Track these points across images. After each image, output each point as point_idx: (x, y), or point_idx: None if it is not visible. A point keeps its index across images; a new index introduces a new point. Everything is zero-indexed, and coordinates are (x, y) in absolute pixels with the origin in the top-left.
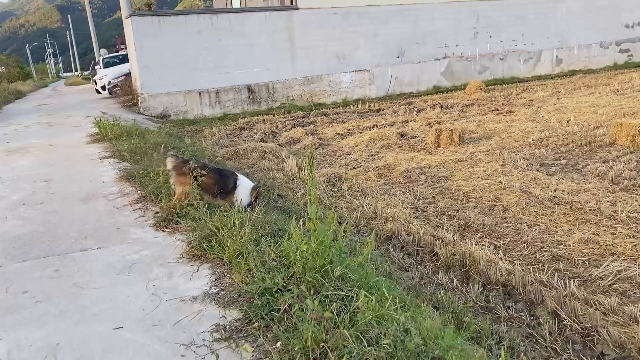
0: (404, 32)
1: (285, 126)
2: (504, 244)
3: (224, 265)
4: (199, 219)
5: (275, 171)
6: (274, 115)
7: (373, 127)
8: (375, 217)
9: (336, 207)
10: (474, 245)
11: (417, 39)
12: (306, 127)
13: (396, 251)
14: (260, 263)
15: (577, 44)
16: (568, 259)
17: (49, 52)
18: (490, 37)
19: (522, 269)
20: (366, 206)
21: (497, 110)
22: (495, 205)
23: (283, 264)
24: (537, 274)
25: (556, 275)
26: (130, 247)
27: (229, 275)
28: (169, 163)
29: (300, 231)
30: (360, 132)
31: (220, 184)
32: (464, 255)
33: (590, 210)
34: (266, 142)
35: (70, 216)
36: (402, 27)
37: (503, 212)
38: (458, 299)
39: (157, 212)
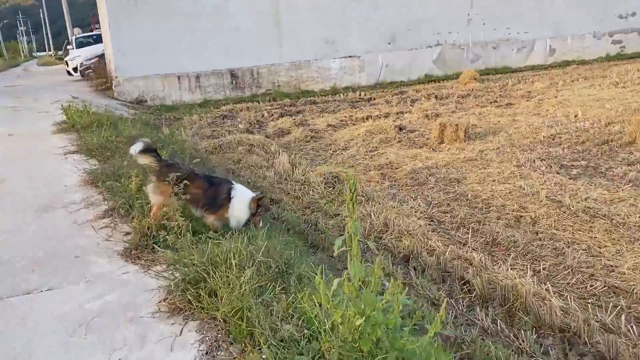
0: (396, 17)
1: (272, 115)
2: (544, 269)
3: (217, 326)
4: (181, 249)
5: (265, 169)
6: (258, 103)
7: (367, 119)
8: (387, 230)
9: (339, 215)
10: (509, 270)
11: (409, 25)
12: (295, 117)
13: (418, 277)
14: (269, 330)
15: (570, 34)
16: (627, 292)
17: (21, 30)
18: (483, 24)
19: (578, 307)
20: (374, 215)
21: (496, 102)
22: (521, 216)
23: (303, 335)
24: (596, 313)
25: (623, 317)
26: (92, 288)
27: (225, 346)
28: (149, 162)
29: (325, 285)
30: (354, 124)
31: (209, 194)
32: (505, 288)
33: (635, 225)
34: (252, 132)
35: (20, 235)
36: (394, 12)
37: (532, 225)
38: (510, 350)
39: (128, 233)
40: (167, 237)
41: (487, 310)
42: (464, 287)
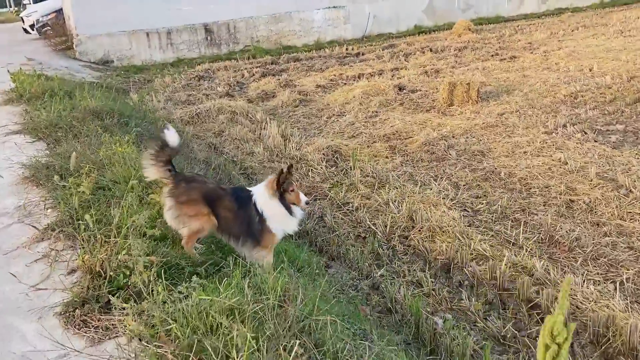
0: None
1: (253, 75)
2: (627, 280)
3: None
4: (151, 305)
5: (253, 142)
6: (237, 61)
7: (359, 77)
8: (414, 226)
9: (348, 205)
10: (585, 283)
11: None
12: (278, 76)
13: (471, 299)
14: None
15: None
16: None
17: None
18: None
19: None
20: (393, 203)
21: (498, 55)
22: (572, 201)
23: None
24: None
25: None
26: None
27: None
28: (160, 177)
29: None
30: (346, 83)
31: (242, 218)
32: (599, 321)
33: None
34: (232, 96)
35: None
36: None
37: (589, 213)
38: None
39: (73, 271)
40: (127, 281)
41: (574, 348)
42: (532, 311)
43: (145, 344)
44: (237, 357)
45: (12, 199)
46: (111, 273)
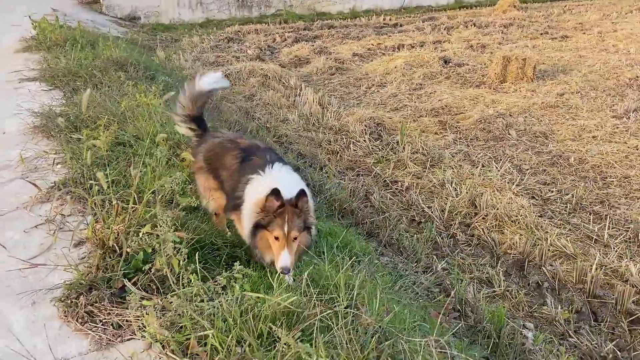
0: None
1: (285, 40)
2: None
3: None
4: (182, 299)
5: (287, 109)
6: (268, 25)
7: (399, 48)
8: (477, 213)
9: (396, 184)
10: None
11: None
12: (312, 43)
13: (557, 305)
14: None
15: None
16: None
17: None
18: None
19: None
20: (450, 185)
21: (547, 34)
22: None
23: None
24: None
25: None
26: None
27: None
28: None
29: None
30: (384, 54)
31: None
32: None
33: None
34: (263, 60)
35: None
36: None
37: None
38: None
39: (81, 243)
40: (149, 262)
41: None
42: (635, 327)
43: (170, 354)
44: None
45: (17, 151)
46: (128, 250)
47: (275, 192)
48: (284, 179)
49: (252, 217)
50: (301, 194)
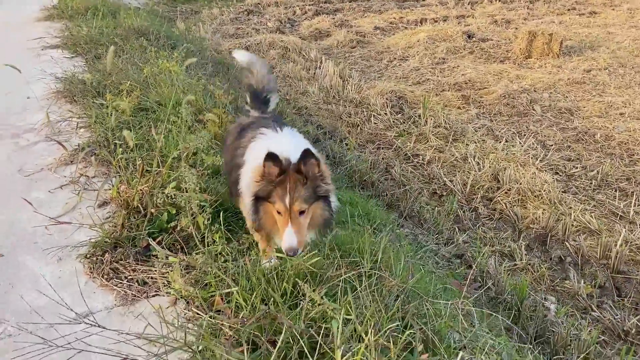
0: None
1: (305, 12)
2: None
3: None
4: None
5: (307, 81)
6: None
7: (422, 22)
8: (499, 187)
9: (418, 158)
10: None
11: None
12: (333, 16)
13: (580, 280)
14: None
15: None
16: None
17: None
18: None
19: None
20: (472, 160)
21: (575, 9)
22: None
23: None
24: None
25: None
26: None
27: None
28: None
29: None
30: (406, 27)
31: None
32: None
33: None
34: (283, 32)
35: None
36: None
37: None
38: None
39: (105, 203)
40: (173, 222)
41: None
42: None
43: (195, 310)
44: (335, 345)
45: (41, 115)
46: (152, 210)
47: (272, 157)
48: (287, 141)
49: (251, 188)
50: (306, 155)
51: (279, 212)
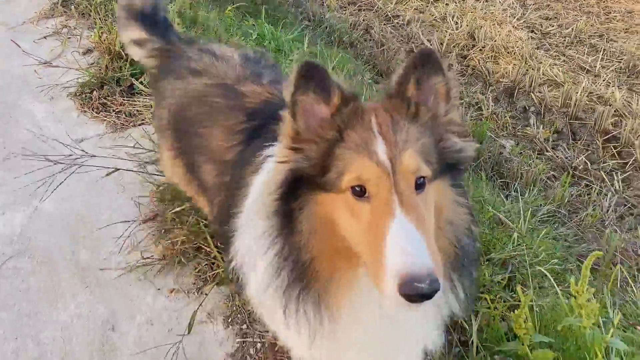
0: None
1: None
2: None
3: None
4: None
5: None
6: None
7: None
8: (475, 45)
9: (398, 19)
10: None
11: None
12: None
13: (538, 126)
14: None
15: None
16: None
17: None
18: None
19: None
20: (451, 19)
21: None
22: None
23: None
24: None
25: None
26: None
27: None
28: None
29: None
30: None
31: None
32: None
33: None
34: None
35: None
36: None
37: None
38: None
39: (89, 51)
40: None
41: None
42: (608, 144)
43: None
44: None
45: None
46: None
47: (312, 72)
48: None
49: (276, 174)
50: (427, 58)
51: (359, 190)
